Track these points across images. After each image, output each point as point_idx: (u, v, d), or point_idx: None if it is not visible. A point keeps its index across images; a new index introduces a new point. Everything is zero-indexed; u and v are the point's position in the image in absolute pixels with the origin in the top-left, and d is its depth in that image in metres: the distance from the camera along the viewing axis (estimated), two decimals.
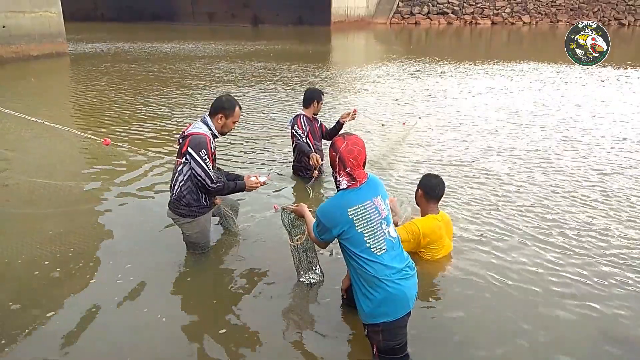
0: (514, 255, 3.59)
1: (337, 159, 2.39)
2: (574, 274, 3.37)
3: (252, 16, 34.03)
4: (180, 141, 3.28)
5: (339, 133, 2.52)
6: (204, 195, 3.35)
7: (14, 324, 2.81)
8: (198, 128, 3.24)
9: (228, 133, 3.43)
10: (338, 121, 5.06)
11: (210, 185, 3.22)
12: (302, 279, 3.22)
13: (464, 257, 3.55)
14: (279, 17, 33.31)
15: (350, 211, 2.35)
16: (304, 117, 4.94)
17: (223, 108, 3.23)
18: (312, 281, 3.21)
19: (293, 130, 4.95)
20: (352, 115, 4.96)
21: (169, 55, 16.85)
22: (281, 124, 7.54)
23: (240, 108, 3.31)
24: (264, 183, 3.44)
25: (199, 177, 3.20)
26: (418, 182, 3.51)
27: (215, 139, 3.34)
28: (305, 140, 4.90)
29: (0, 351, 2.61)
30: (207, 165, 3.17)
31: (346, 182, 2.40)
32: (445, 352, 2.65)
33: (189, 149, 3.16)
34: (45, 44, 15.45)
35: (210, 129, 3.26)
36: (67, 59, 15.91)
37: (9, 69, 13.37)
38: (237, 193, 3.53)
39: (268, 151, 6.20)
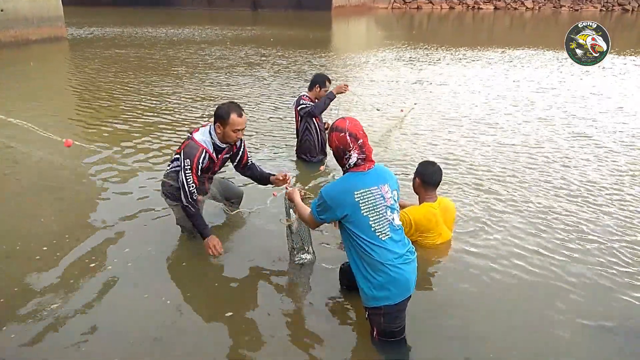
0: (511, 246, 3.63)
1: (347, 136, 2.40)
2: (565, 260, 3.41)
3: (252, 0, 33.67)
4: (188, 135, 3.36)
5: (335, 120, 2.54)
6: None
7: (16, 310, 2.86)
8: (201, 135, 3.26)
9: (236, 141, 3.32)
10: (329, 92, 4.87)
11: (183, 198, 3.22)
12: (294, 259, 3.31)
13: (463, 245, 3.58)
14: (278, 1, 32.96)
15: (357, 194, 2.37)
16: (307, 98, 4.95)
17: (219, 117, 3.17)
18: (304, 261, 3.29)
19: (300, 107, 4.89)
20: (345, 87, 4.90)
21: (165, 41, 16.73)
22: (272, 113, 7.51)
23: (240, 115, 3.17)
24: (220, 253, 3.29)
25: (180, 184, 3.23)
26: (414, 171, 3.53)
27: (221, 148, 3.31)
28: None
29: (5, 335, 2.66)
30: (186, 175, 3.17)
31: (356, 155, 2.40)
32: (441, 334, 2.71)
33: (182, 152, 3.22)
34: (44, 28, 15.34)
35: (212, 138, 3.26)
36: (65, 43, 15.84)
37: (7, 53, 13.31)
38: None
39: (262, 141, 6.20)
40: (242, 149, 3.53)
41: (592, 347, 2.65)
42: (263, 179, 3.63)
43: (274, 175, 3.57)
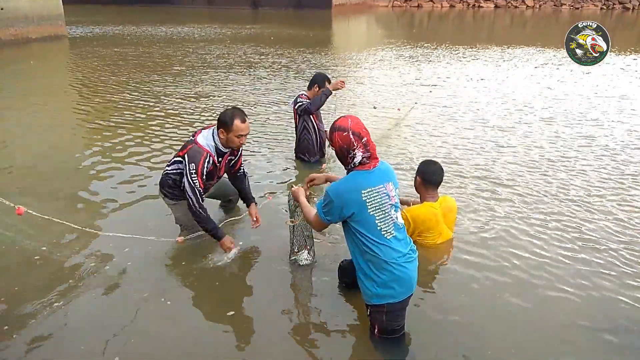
0: (511, 247, 3.62)
1: (350, 135, 2.39)
2: (565, 261, 3.42)
3: None
4: (191, 138, 3.35)
5: (336, 119, 2.53)
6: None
7: (16, 309, 2.86)
8: (204, 139, 3.25)
9: (240, 147, 3.36)
10: (325, 89, 4.87)
11: (192, 204, 3.19)
12: (292, 258, 3.30)
13: (463, 246, 3.59)
14: None
15: (364, 193, 2.37)
16: (305, 96, 4.93)
17: (223, 123, 3.18)
18: (305, 261, 3.27)
19: (297, 104, 4.88)
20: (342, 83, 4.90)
21: (164, 39, 16.75)
22: (271, 112, 7.49)
23: (244, 121, 3.17)
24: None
25: (185, 190, 3.21)
26: (416, 169, 3.52)
27: (224, 152, 3.32)
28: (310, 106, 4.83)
29: (6, 334, 2.66)
30: (192, 180, 3.16)
31: (361, 154, 2.40)
32: (441, 333, 2.71)
33: (185, 156, 3.21)
34: (44, 27, 15.35)
35: (215, 143, 3.26)
36: (66, 41, 15.85)
37: (8, 51, 13.31)
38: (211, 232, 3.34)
39: (261, 141, 6.19)
40: (238, 155, 3.53)
41: (592, 347, 2.65)
42: (246, 199, 3.72)
43: (255, 205, 3.67)
